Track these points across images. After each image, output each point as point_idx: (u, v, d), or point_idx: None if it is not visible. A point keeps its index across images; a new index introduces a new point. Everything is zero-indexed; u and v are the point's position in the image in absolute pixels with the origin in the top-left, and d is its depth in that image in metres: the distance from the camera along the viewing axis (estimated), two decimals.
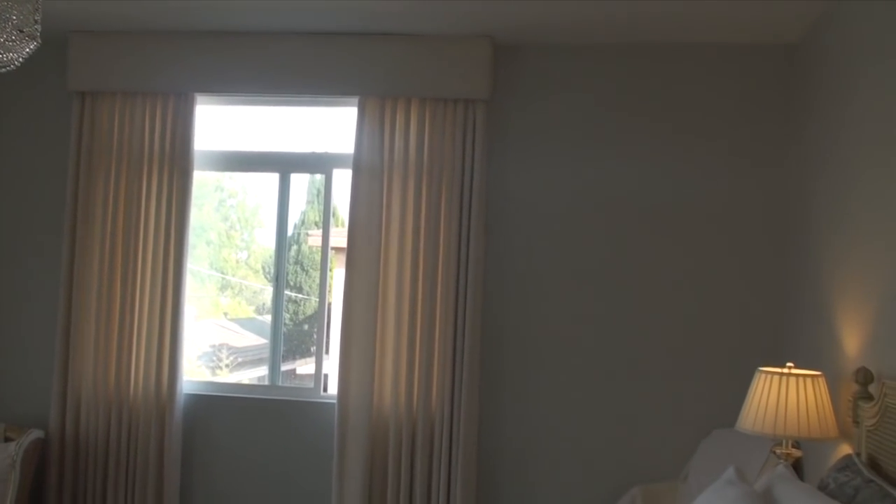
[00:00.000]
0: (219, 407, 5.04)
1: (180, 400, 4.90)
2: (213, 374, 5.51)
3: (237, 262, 5.76)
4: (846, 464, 3.05)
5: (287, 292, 5.41)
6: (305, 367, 5.45)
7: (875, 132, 3.42)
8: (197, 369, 5.37)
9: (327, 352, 5.18)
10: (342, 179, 5.06)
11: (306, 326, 5.56)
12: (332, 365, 5.06)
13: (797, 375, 3.45)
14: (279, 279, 5.17)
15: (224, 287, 5.72)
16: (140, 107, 4.99)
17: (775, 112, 4.70)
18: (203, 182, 5.40)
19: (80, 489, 4.89)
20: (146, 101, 4.99)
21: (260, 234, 5.65)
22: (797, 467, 3.84)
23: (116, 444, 4.88)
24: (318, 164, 5.21)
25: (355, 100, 4.85)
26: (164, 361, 4.89)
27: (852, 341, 3.55)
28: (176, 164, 4.95)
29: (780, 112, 4.69)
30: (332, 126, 5.25)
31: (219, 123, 5.24)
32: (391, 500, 4.64)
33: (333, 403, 4.85)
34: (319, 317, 5.14)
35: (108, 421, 4.91)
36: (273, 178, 5.23)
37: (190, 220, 4.96)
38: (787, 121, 4.65)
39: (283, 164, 5.20)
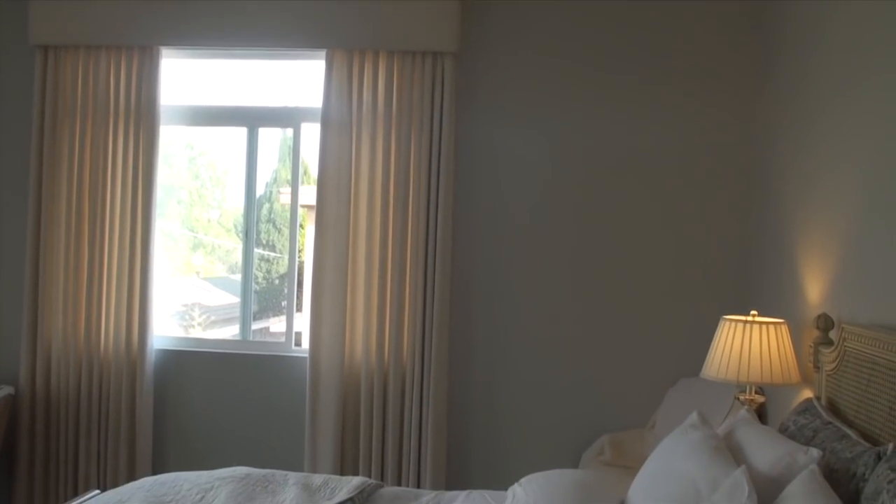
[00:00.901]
0: (190, 362, 5.05)
1: (151, 355, 4.90)
2: (186, 332, 5.50)
3: (209, 221, 5.72)
4: (806, 407, 3.12)
5: (260, 251, 5.41)
6: (279, 324, 5.45)
7: (840, 81, 3.44)
8: (169, 328, 5.35)
9: (300, 310, 5.19)
10: (312, 134, 5.03)
11: (278, 283, 5.55)
12: (304, 322, 5.07)
13: (760, 323, 3.52)
14: (248, 235, 5.16)
15: (196, 246, 5.70)
16: (104, 61, 4.91)
17: (742, 61, 4.72)
18: (173, 140, 5.34)
19: (53, 444, 4.89)
20: (110, 54, 4.91)
21: (231, 192, 5.60)
22: (761, 413, 3.92)
23: (88, 399, 4.88)
24: (286, 118, 5.18)
25: (323, 53, 4.81)
26: (134, 317, 4.88)
27: (814, 289, 3.61)
28: (142, 118, 4.90)
29: (747, 61, 4.70)
30: (300, 80, 5.21)
31: (186, 77, 5.17)
32: (363, 449, 4.69)
33: (305, 357, 4.87)
34: (290, 274, 5.14)
35: (79, 376, 4.90)
36: (242, 134, 5.19)
37: (157, 174, 4.92)
38: (754, 70, 4.66)
39: (252, 119, 5.16)
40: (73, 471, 4.87)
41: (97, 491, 3.32)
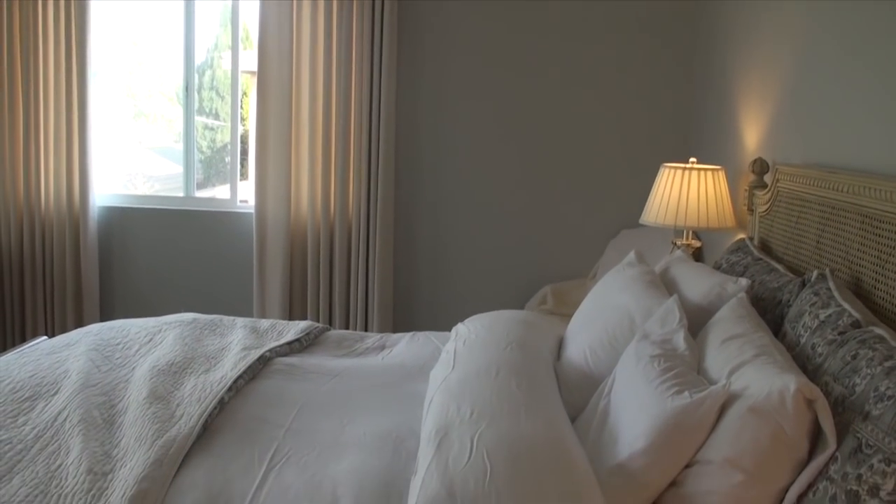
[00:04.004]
0: (135, 219, 5.03)
1: (94, 211, 4.86)
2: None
3: (150, 90, 5.56)
4: (738, 246, 3.23)
5: (203, 119, 5.30)
6: (224, 193, 5.41)
7: None
8: (113, 186, 5.26)
9: (245, 177, 5.15)
10: None
11: (223, 152, 5.46)
12: (249, 189, 5.04)
13: (699, 170, 3.59)
14: (189, 95, 5.04)
15: (138, 115, 5.56)
16: None
17: None
18: (108, 7, 5.09)
19: None
20: None
21: (172, 59, 5.39)
22: (697, 257, 4.04)
23: (31, 255, 4.86)
24: None
25: None
26: (74, 174, 4.82)
27: (752, 136, 3.68)
28: None
29: None
30: None
31: None
32: (311, 298, 4.77)
33: (251, 213, 4.88)
34: (233, 139, 5.06)
35: (21, 233, 4.87)
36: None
37: (91, 20, 4.74)
38: None
39: None
40: (20, 322, 4.90)
41: (44, 337, 3.35)
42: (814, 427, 1.87)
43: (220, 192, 5.45)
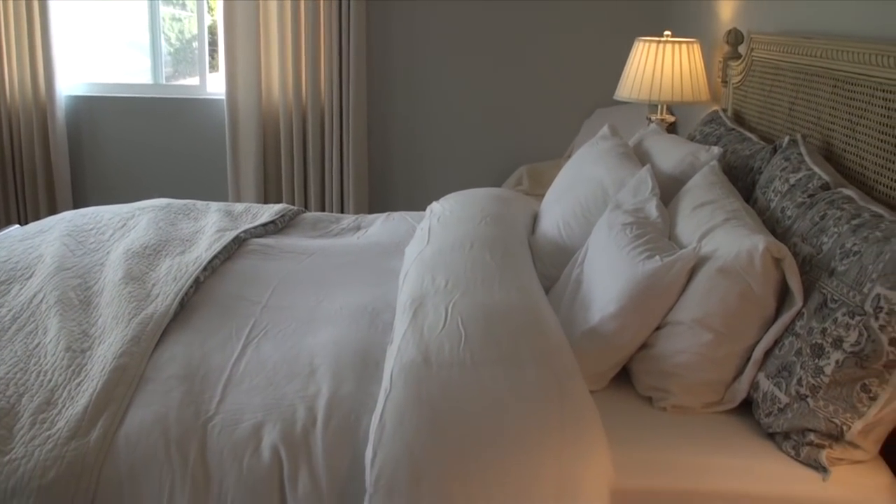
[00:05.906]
0: (104, 108, 4.93)
1: (61, 100, 4.76)
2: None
3: None
4: (712, 118, 3.22)
5: (171, 10, 5.14)
6: (194, 82, 5.29)
7: None
8: (80, 75, 5.12)
9: (215, 69, 5.03)
10: None
11: (191, 43, 5.31)
12: (220, 79, 4.92)
13: (673, 43, 3.55)
14: None
15: (102, 6, 5.35)
16: None
17: None
18: None
19: None
20: None
21: None
22: (671, 133, 4.03)
23: None
24: None
25: None
26: (38, 63, 4.69)
27: (726, 7, 3.63)
28: None
29: None
30: None
31: None
32: (286, 182, 4.76)
33: (221, 100, 4.80)
34: (200, 28, 4.92)
35: None
36: None
37: None
38: None
39: None
40: None
41: (17, 226, 3.32)
42: (781, 286, 1.90)
43: (190, 82, 5.36)
